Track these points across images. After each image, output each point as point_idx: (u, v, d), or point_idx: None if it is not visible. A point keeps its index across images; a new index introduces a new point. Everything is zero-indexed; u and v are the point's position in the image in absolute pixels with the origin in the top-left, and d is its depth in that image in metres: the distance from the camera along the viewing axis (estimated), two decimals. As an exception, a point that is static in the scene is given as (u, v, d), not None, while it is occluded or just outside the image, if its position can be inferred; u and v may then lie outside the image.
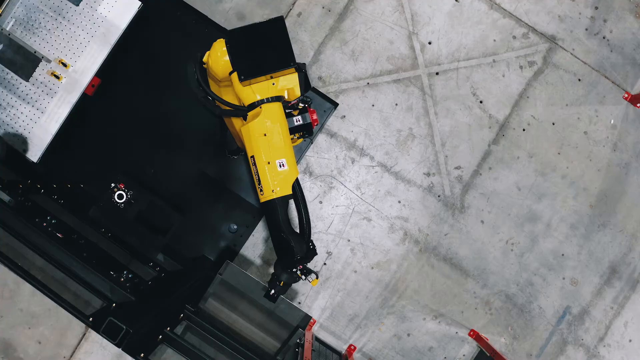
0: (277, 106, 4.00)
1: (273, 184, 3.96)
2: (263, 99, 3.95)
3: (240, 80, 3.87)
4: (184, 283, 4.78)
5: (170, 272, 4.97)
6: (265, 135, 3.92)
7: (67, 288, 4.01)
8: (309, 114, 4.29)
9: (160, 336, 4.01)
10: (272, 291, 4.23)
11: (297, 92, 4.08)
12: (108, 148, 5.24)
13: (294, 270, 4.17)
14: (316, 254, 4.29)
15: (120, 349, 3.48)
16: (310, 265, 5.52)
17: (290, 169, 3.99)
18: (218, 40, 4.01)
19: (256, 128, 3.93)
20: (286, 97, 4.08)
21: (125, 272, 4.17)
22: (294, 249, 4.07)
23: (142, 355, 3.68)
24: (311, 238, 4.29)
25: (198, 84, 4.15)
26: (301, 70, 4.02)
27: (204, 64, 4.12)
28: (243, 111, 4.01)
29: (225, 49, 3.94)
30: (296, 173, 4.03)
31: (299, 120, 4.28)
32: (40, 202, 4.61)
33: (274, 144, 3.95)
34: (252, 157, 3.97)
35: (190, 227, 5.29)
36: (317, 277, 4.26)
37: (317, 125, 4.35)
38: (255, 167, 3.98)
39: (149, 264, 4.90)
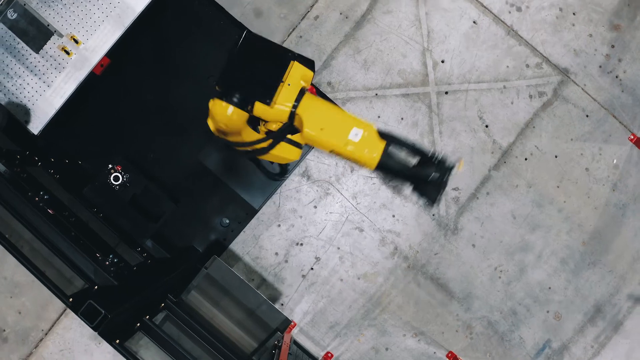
0: (307, 98, 3.69)
1: (366, 154, 3.64)
2: (294, 104, 3.65)
3: (268, 104, 3.55)
4: (169, 272, 4.77)
5: (157, 259, 4.97)
6: (322, 129, 3.62)
7: (51, 264, 4.01)
8: None
9: (139, 324, 4.01)
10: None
11: (309, 73, 3.81)
12: (110, 129, 5.22)
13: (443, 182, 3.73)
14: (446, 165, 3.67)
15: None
16: (298, 267, 5.53)
17: (365, 130, 3.63)
18: (211, 102, 3.54)
19: (312, 130, 3.59)
20: (305, 84, 3.84)
21: (111, 256, 4.15)
22: (428, 176, 3.67)
23: (117, 341, 3.68)
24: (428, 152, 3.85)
25: (243, 150, 3.91)
26: (295, 55, 3.75)
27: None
28: (290, 127, 3.73)
29: (223, 104, 3.47)
30: (371, 126, 3.65)
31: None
32: (36, 175, 4.59)
33: (335, 127, 3.63)
34: (333, 151, 3.70)
35: (182, 216, 5.28)
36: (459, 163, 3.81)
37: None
38: (343, 155, 3.72)
39: (137, 248, 4.89)
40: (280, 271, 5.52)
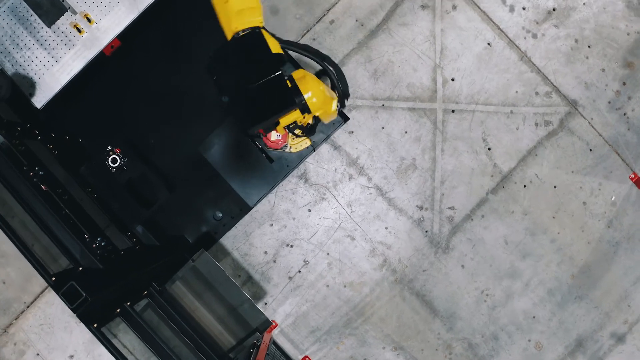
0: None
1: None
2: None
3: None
4: (156, 260, 4.76)
5: (146, 246, 4.96)
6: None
7: (39, 240, 4.00)
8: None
9: (119, 309, 4.00)
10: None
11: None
12: (113, 111, 5.21)
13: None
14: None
15: (76, 313, 3.47)
16: (286, 268, 5.53)
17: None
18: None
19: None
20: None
21: (99, 239, 4.13)
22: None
23: (95, 325, 3.67)
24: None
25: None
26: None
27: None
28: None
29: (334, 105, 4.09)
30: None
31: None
32: (35, 149, 4.58)
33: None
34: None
35: (176, 205, 5.27)
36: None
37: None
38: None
39: (127, 233, 4.89)
40: (267, 270, 5.51)
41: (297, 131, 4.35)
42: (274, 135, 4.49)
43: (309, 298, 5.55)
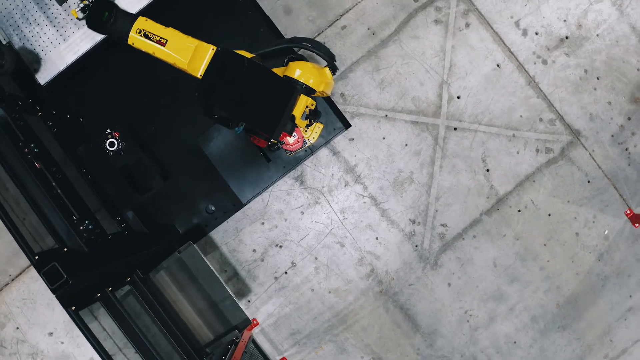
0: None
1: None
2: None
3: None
4: (143, 247, 4.77)
5: (135, 232, 4.96)
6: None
7: (28, 217, 4.00)
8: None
9: (99, 294, 4.00)
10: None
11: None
12: (117, 95, 5.22)
13: None
14: None
15: (57, 294, 3.47)
16: (273, 268, 5.53)
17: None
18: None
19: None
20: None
21: (87, 222, 4.13)
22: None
23: (73, 308, 3.66)
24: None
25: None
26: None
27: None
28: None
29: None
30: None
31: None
32: (34, 124, 4.58)
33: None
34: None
35: (169, 194, 5.28)
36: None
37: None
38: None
39: (117, 218, 4.89)
40: (254, 268, 5.51)
41: (304, 122, 4.39)
42: (290, 138, 4.50)
43: (292, 300, 5.55)
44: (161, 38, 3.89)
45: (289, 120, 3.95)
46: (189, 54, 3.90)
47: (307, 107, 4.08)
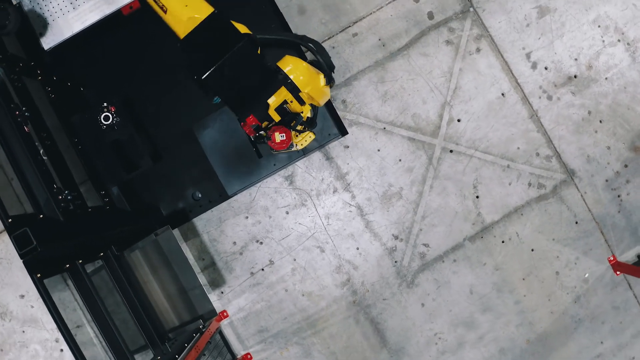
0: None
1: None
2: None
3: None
4: (123, 224, 4.77)
5: (117, 208, 4.97)
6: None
7: (9, 179, 4.01)
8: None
9: (68, 265, 4.00)
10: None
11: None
12: (120, 71, 5.22)
13: None
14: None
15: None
16: (250, 263, 5.54)
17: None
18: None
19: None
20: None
21: (67, 192, 4.13)
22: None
23: (38, 275, 3.67)
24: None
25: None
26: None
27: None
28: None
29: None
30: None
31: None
32: (31, 88, 4.59)
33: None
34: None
35: (158, 175, 5.29)
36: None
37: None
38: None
39: (101, 191, 4.90)
40: (232, 261, 5.51)
41: (299, 127, 4.42)
42: (277, 137, 4.49)
43: (265, 298, 5.55)
44: (163, 5, 3.96)
45: (261, 106, 3.98)
46: (193, 9, 3.95)
47: (286, 102, 4.10)
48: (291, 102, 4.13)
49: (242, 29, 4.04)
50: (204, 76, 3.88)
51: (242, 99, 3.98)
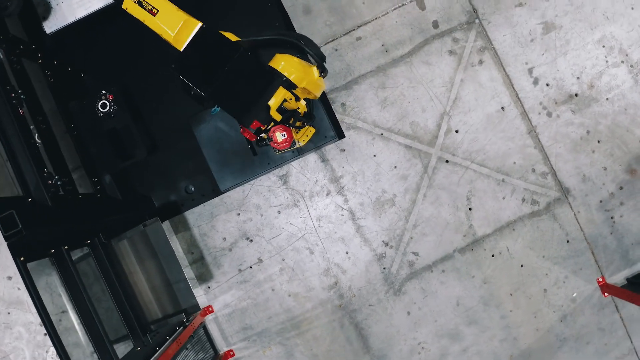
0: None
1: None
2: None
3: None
4: (112, 213, 4.77)
5: (108, 196, 4.96)
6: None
7: (5, 161, 4.00)
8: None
9: (53, 250, 3.99)
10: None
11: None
12: (121, 59, 5.22)
13: None
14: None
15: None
16: (239, 260, 5.53)
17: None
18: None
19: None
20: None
21: (57, 177, 4.12)
22: None
23: (21, 259, 3.66)
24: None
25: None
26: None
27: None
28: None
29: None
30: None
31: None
32: (30, 70, 4.58)
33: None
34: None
35: (152, 166, 5.29)
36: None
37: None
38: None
39: (94, 179, 4.89)
40: (221, 257, 5.51)
41: (298, 123, 4.42)
42: (279, 137, 4.48)
43: (251, 296, 5.54)
44: (153, 7, 3.99)
45: (263, 109, 3.99)
46: (177, 27, 3.98)
47: (285, 100, 4.09)
48: (290, 99, 4.13)
49: (232, 37, 4.05)
50: (209, 94, 3.92)
51: (244, 106, 3.98)
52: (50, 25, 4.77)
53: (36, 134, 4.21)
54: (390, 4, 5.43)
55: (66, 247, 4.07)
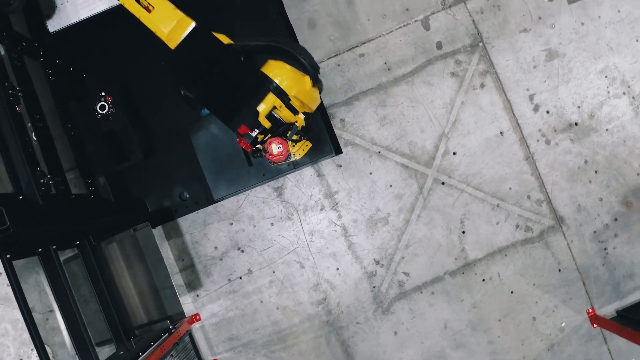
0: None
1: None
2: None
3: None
4: (104, 215, 4.75)
5: (101, 198, 4.95)
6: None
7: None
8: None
9: (41, 249, 3.98)
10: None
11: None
12: (122, 62, 5.22)
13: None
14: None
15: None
16: (229, 270, 5.51)
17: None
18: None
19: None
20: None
21: (49, 176, 4.11)
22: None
23: (7, 256, 3.65)
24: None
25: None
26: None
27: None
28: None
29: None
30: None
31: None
32: (32, 68, 4.58)
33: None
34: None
35: (148, 170, 5.28)
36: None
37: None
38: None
39: (88, 180, 4.88)
40: (211, 265, 5.49)
41: (295, 136, 4.41)
42: (275, 149, 4.48)
43: (240, 306, 5.52)
44: (149, 4, 3.98)
45: (251, 114, 3.98)
46: (170, 26, 3.98)
47: (275, 108, 4.08)
48: (280, 107, 4.11)
49: (224, 39, 4.05)
50: (194, 94, 3.94)
51: (232, 109, 3.98)
52: (54, 24, 4.79)
53: (32, 132, 4.20)
54: (395, 23, 5.44)
55: (54, 247, 4.06)
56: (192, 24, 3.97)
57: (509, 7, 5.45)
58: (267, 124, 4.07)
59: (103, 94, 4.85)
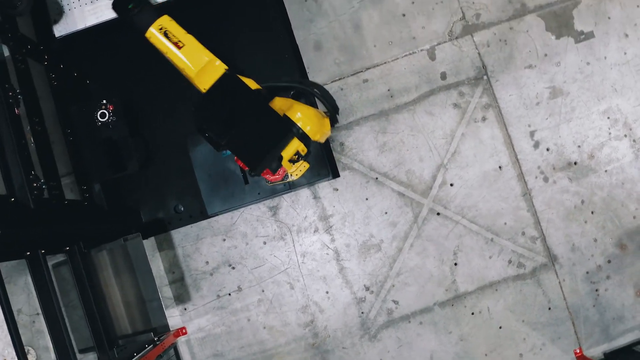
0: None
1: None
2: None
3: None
4: (97, 223, 4.76)
5: (95, 205, 4.95)
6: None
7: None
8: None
9: (29, 253, 3.97)
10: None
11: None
12: (126, 71, 5.24)
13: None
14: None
15: None
16: (218, 286, 5.49)
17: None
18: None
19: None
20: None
21: (43, 180, 4.11)
22: None
23: (-6, 257, 3.65)
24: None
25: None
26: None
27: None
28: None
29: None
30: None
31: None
32: (35, 71, 4.60)
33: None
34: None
35: (144, 181, 5.29)
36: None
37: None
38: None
39: (83, 186, 4.88)
40: (201, 280, 5.47)
41: (293, 157, 4.41)
42: None
43: (227, 323, 5.49)
44: (179, 41, 3.97)
45: (275, 160, 3.97)
46: (200, 65, 3.96)
47: (298, 152, 4.09)
48: (303, 151, 4.12)
49: (252, 84, 4.05)
50: (225, 142, 3.91)
51: (258, 155, 3.95)
52: (60, 29, 4.81)
53: (29, 135, 4.21)
54: (401, 50, 5.46)
55: (43, 251, 4.05)
56: (224, 69, 3.97)
57: (515, 42, 5.46)
58: (289, 167, 4.10)
59: (104, 102, 4.86)
